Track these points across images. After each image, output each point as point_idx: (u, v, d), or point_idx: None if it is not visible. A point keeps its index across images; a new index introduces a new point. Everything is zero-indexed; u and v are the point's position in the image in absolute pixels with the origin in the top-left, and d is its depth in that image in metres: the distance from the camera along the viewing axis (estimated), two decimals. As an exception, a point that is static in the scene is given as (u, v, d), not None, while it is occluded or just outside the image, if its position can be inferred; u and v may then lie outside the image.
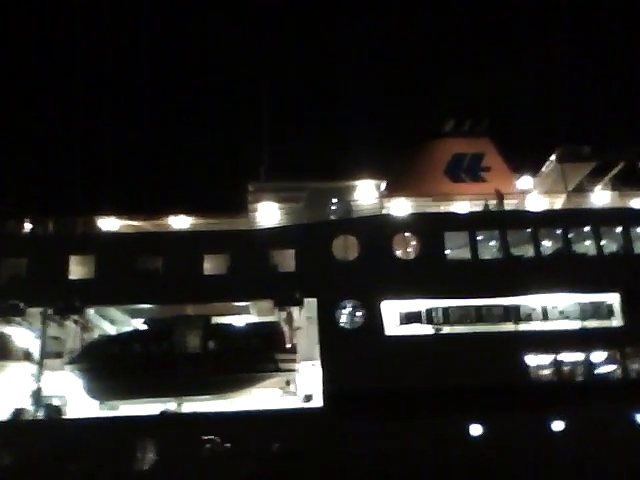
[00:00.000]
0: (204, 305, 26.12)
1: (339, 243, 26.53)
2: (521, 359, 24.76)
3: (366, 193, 29.49)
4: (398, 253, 26.56)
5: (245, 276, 25.83)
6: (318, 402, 23.98)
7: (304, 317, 25.70)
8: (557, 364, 25.12)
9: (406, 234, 26.85)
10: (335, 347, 24.78)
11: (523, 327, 25.82)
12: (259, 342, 24.90)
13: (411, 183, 30.39)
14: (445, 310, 25.82)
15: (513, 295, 25.86)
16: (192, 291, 25.79)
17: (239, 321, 26.73)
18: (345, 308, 25.80)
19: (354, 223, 27.15)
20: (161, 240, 26.76)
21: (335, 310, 25.36)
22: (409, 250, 27.03)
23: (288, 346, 25.05)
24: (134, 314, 26.81)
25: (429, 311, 25.80)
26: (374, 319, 25.13)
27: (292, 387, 24.71)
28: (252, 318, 27.12)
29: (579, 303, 26.26)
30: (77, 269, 26.57)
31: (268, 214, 28.71)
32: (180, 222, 27.90)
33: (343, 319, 25.41)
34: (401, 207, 28.14)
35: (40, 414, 23.99)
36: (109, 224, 28.25)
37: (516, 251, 27.05)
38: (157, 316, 26.25)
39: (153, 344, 25.07)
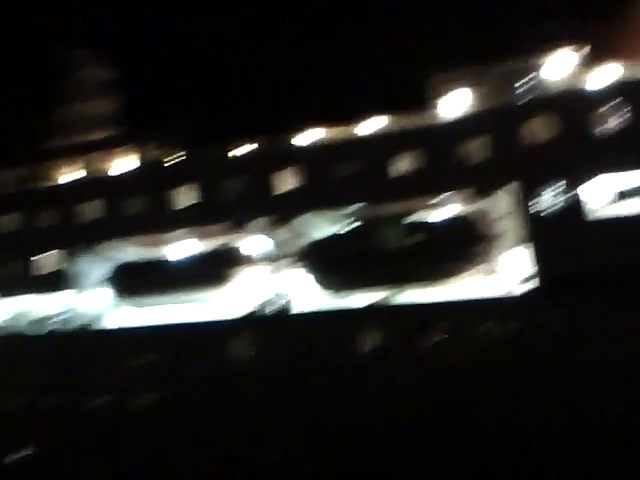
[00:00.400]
0: (404, 202, 27.16)
1: (537, 122, 25.25)
2: None
3: (561, 65, 27.06)
4: (603, 125, 24.47)
5: (441, 169, 26.20)
6: (528, 288, 24.19)
7: (506, 203, 25.44)
8: None
9: (611, 103, 24.47)
10: (544, 231, 24.36)
11: None
12: (461, 233, 25.55)
13: (621, 47, 27.10)
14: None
15: None
16: (391, 190, 26.97)
17: (442, 214, 27.39)
18: (550, 190, 24.93)
19: (551, 100, 25.43)
20: (356, 145, 28.05)
21: (540, 193, 24.66)
22: (615, 122, 24.67)
23: (490, 234, 25.33)
24: (338, 219, 28.88)
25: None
26: (581, 199, 23.99)
27: (497, 275, 25.14)
28: (453, 210, 27.58)
29: None
30: (283, 183, 29.30)
31: (455, 103, 28.05)
32: (369, 125, 28.71)
33: (549, 201, 24.63)
34: (607, 75, 25.42)
35: (272, 311, 27.80)
36: (306, 137, 30.13)
37: None
38: (362, 217, 28.03)
39: (362, 242, 27.20)
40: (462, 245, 25.32)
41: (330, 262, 27.27)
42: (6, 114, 39.97)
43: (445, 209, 27.15)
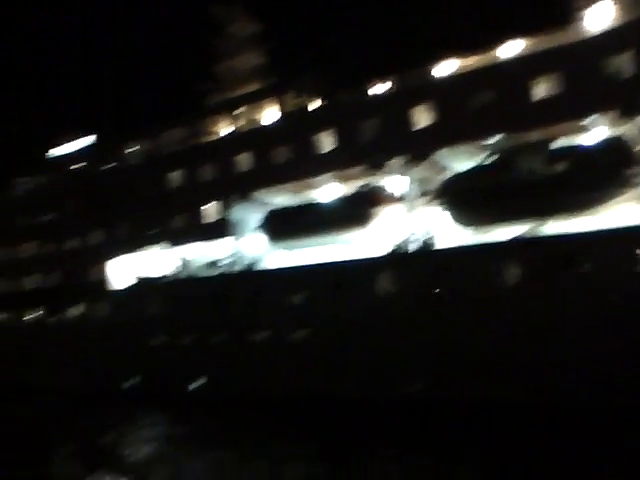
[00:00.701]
0: (547, 128, 25.64)
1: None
2: None
3: None
4: None
5: (586, 89, 24.29)
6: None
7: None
8: None
9: None
10: None
11: None
12: (611, 157, 23.63)
13: None
14: None
15: None
16: (532, 116, 25.61)
17: (589, 138, 25.47)
18: None
19: None
20: (493, 72, 26.87)
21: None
22: None
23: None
24: (477, 152, 28.02)
25: None
26: None
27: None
28: (601, 133, 25.49)
29: None
30: (421, 118, 29.02)
31: (597, 16, 25.43)
32: (506, 50, 27.17)
33: None
34: None
35: (415, 248, 28.18)
36: (442, 69, 29.36)
37: None
38: (500, 147, 26.98)
39: (502, 173, 26.29)
40: (613, 170, 23.45)
41: (469, 197, 26.82)
42: (172, 79, 43.66)
43: (592, 132, 25.23)
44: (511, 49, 27.17)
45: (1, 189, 50.67)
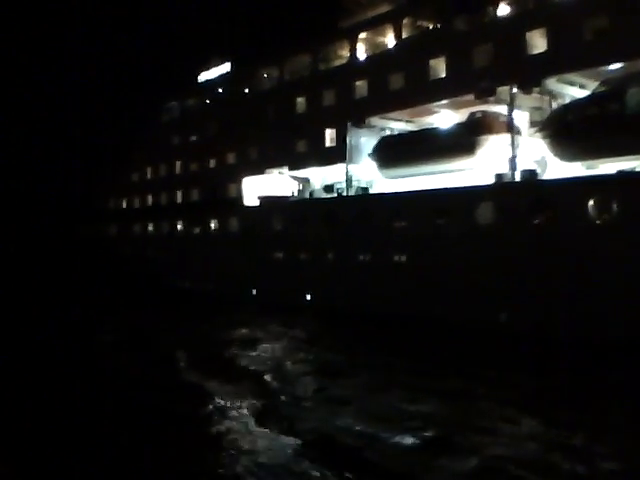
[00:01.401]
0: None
1: None
2: None
3: None
4: None
5: None
6: None
7: None
8: None
9: None
10: None
11: None
12: None
13: None
14: None
15: None
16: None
17: None
18: None
19: None
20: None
21: None
22: None
23: None
24: (589, 81, 26.63)
25: None
26: None
27: None
28: None
29: None
30: (537, 43, 27.95)
31: None
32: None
33: None
34: None
35: (517, 177, 28.05)
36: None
37: None
38: (614, 78, 25.51)
39: (610, 105, 25.03)
40: None
41: (574, 129, 25.95)
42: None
43: None
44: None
45: (158, 110, 56.40)
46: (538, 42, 27.82)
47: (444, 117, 33.89)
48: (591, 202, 24.14)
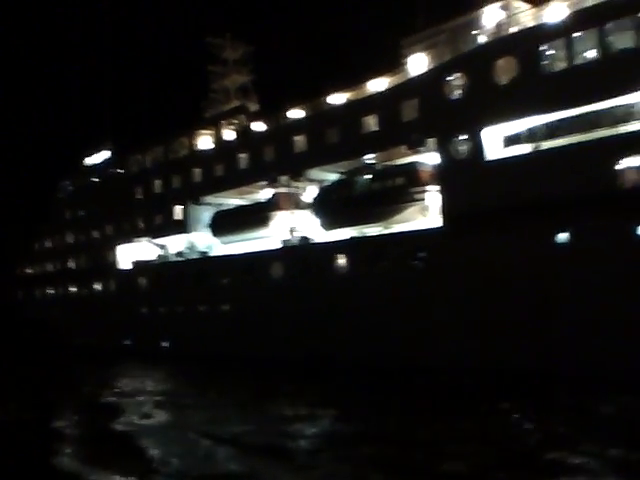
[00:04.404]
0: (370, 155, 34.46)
1: (453, 80, 29.91)
2: (613, 165, 24.42)
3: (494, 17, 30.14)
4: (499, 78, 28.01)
5: (389, 127, 32.73)
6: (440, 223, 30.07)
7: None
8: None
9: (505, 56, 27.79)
10: (450, 175, 29.82)
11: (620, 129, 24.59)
12: (401, 180, 32.09)
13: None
14: (541, 126, 26.81)
15: (615, 96, 24.55)
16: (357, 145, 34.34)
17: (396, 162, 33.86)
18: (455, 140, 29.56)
19: (461, 59, 29.55)
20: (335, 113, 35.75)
21: (449, 143, 29.76)
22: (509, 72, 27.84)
23: (422, 180, 31.34)
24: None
25: (529, 130, 27.25)
26: (476, 146, 28.53)
27: (428, 213, 31.25)
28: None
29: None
30: (300, 146, 38.13)
31: (420, 65, 33.06)
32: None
33: (454, 150, 29.56)
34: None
35: (293, 242, 37.76)
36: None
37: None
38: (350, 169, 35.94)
39: (345, 189, 35.29)
40: (403, 189, 31.87)
41: (326, 206, 36.08)
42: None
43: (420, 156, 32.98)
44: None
45: (54, 190, 64.91)
46: (301, 145, 37.95)
47: (266, 193, 43.37)
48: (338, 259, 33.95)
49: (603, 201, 24.40)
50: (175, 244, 47.89)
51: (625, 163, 24.31)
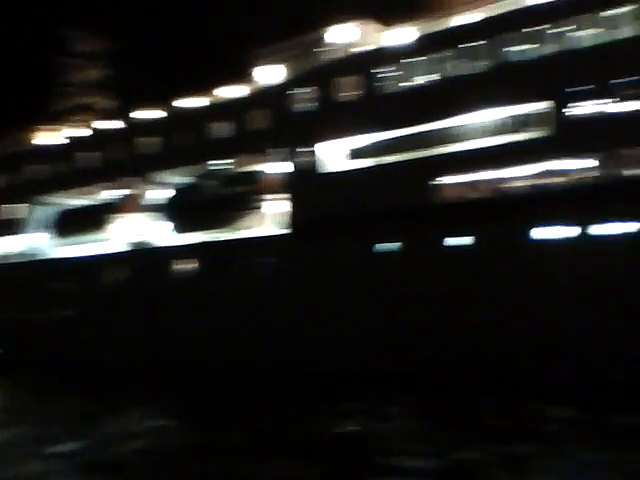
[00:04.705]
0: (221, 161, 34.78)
1: (299, 94, 31.09)
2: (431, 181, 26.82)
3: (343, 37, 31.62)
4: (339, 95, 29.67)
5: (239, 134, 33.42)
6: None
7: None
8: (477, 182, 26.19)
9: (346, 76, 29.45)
10: (295, 185, 30.96)
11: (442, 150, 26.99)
12: (245, 187, 32.93)
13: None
14: (381, 142, 28.74)
15: (447, 117, 26.83)
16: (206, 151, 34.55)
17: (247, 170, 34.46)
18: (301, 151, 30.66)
19: (307, 74, 30.94)
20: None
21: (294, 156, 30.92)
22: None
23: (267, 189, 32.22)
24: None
25: (372, 145, 29.03)
26: (316, 160, 29.95)
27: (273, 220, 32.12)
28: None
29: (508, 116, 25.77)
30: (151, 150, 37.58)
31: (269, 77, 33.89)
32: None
33: (301, 161, 30.74)
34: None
35: (137, 245, 36.97)
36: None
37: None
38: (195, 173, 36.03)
39: (194, 195, 35.37)
40: (242, 196, 32.61)
41: (177, 210, 35.86)
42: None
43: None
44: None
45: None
46: (151, 147, 37.38)
47: (112, 194, 41.84)
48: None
49: (420, 213, 26.65)
50: (12, 245, 44.86)
51: (439, 180, 26.81)
